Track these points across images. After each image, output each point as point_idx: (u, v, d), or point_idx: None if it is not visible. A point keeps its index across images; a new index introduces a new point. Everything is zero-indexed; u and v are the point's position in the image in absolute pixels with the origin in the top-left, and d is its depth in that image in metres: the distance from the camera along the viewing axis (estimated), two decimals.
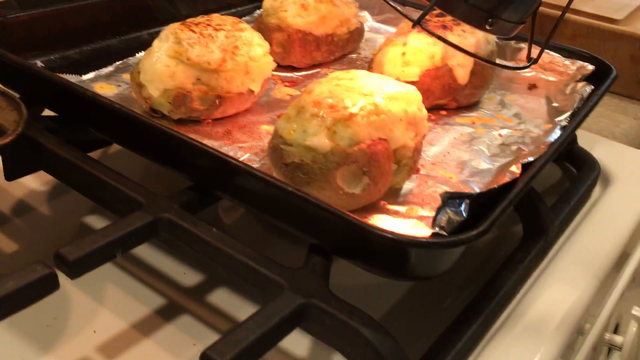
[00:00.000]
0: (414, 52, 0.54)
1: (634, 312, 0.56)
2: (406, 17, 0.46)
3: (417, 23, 0.42)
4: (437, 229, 0.35)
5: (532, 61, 0.49)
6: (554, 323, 0.43)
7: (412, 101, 0.44)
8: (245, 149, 0.47)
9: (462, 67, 0.55)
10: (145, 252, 0.48)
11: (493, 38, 0.59)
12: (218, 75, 0.49)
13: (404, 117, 0.42)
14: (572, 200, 0.55)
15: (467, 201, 0.36)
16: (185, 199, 0.41)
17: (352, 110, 0.40)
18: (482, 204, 0.38)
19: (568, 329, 0.43)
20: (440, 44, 0.53)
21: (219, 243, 0.37)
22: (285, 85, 0.58)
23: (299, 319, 0.34)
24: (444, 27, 0.55)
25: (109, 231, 0.37)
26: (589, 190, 0.58)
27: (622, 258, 0.54)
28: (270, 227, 0.52)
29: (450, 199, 0.36)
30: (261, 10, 0.64)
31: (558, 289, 0.46)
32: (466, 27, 0.56)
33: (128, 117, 0.43)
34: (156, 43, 0.49)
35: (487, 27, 0.42)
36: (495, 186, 0.38)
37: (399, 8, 0.46)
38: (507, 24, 0.43)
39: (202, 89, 0.48)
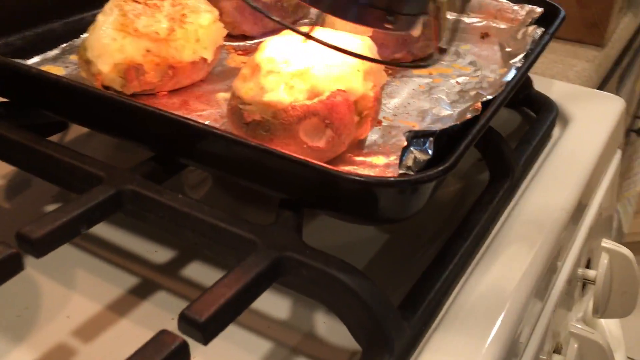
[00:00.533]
0: None
1: (603, 244, 0.57)
2: (296, 31, 0.42)
3: (308, 37, 0.40)
4: (404, 170, 0.35)
5: (440, 55, 0.43)
6: (527, 261, 0.43)
7: (368, 51, 0.44)
8: (204, 116, 0.46)
9: None
10: (114, 234, 0.47)
11: None
12: (168, 45, 0.47)
13: (361, 67, 0.42)
14: (534, 141, 0.55)
15: (432, 139, 0.36)
16: (148, 169, 0.40)
17: (308, 62, 0.40)
18: (445, 144, 0.38)
19: (540, 266, 0.44)
20: None
21: (186, 208, 0.37)
22: (239, 54, 0.57)
23: (276, 274, 0.34)
24: None
25: (71, 207, 0.36)
26: (549, 131, 0.59)
27: (587, 194, 0.55)
28: (239, 197, 0.51)
29: (415, 138, 0.36)
30: None
31: (528, 229, 0.47)
32: None
33: (81, 91, 0.42)
34: (100, 17, 0.47)
35: (387, 26, 0.38)
36: (458, 123, 0.38)
37: (286, 23, 0.43)
38: (408, 18, 0.38)
39: (154, 60, 0.47)
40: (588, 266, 0.58)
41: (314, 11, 0.68)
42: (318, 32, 0.44)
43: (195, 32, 0.49)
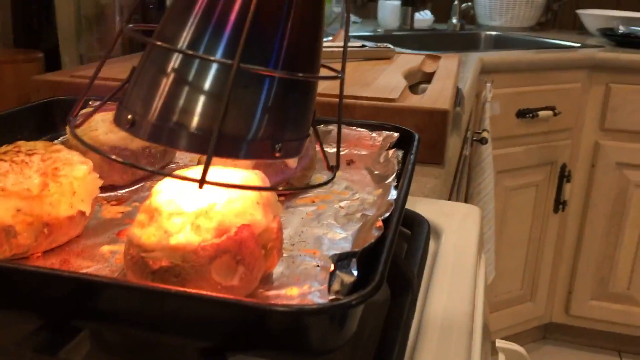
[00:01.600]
0: None
1: (498, 344, 0.59)
2: (188, 179, 0.37)
3: (203, 182, 0.35)
4: (333, 295, 0.34)
5: (335, 171, 0.43)
6: None
7: (261, 183, 0.43)
8: (94, 273, 0.42)
9: None
10: None
11: None
12: (42, 202, 0.43)
13: (260, 200, 0.42)
14: (418, 255, 0.57)
15: (354, 259, 0.36)
16: (38, 341, 0.35)
17: (210, 200, 0.38)
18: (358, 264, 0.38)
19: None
20: None
21: None
22: (113, 205, 0.54)
23: None
24: None
25: None
26: (427, 245, 0.62)
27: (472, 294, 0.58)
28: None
29: (339, 260, 0.35)
30: (65, 137, 0.59)
31: (440, 339, 0.47)
32: None
33: None
34: None
35: (277, 155, 0.38)
36: (373, 241, 0.39)
37: (178, 175, 0.37)
38: (293, 144, 0.39)
39: (26, 220, 0.43)
40: None
41: (179, 156, 0.67)
42: (196, 171, 0.43)
43: (70, 185, 0.45)
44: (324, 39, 0.43)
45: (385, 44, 1.27)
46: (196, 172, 0.43)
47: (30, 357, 0.33)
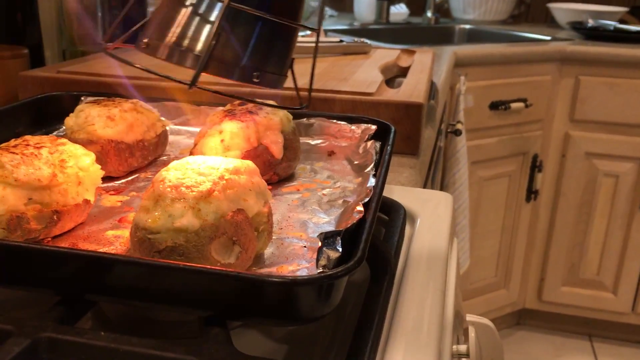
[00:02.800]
0: (231, 137, 0.58)
1: (468, 318, 0.64)
2: (179, 81, 0.49)
3: (192, 84, 0.47)
4: (321, 269, 0.39)
5: (304, 106, 0.57)
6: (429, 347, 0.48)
7: (253, 172, 0.48)
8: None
9: (275, 144, 0.61)
10: None
11: (291, 117, 0.66)
12: (51, 191, 0.47)
13: (252, 187, 0.46)
14: (395, 238, 0.62)
15: (339, 238, 0.40)
16: (57, 314, 0.39)
17: (210, 186, 0.43)
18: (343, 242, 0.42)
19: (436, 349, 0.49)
20: (253, 126, 0.59)
21: (113, 344, 0.36)
22: (111, 194, 0.58)
23: None
24: (250, 112, 0.61)
25: None
26: (403, 229, 0.67)
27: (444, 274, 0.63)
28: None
29: (325, 238, 0.40)
30: (61, 131, 0.63)
31: (414, 318, 0.52)
32: (269, 109, 0.62)
33: None
34: None
35: (255, 80, 0.49)
36: (354, 222, 0.43)
37: (170, 76, 0.50)
38: (272, 76, 0.51)
39: (37, 207, 0.47)
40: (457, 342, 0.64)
41: (169, 149, 0.71)
42: (204, 158, 0.48)
43: (76, 175, 0.49)
44: (302, 34, 0.52)
45: (362, 39, 1.31)
46: (197, 157, 0.47)
47: (52, 328, 0.37)
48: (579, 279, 2.13)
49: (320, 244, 0.40)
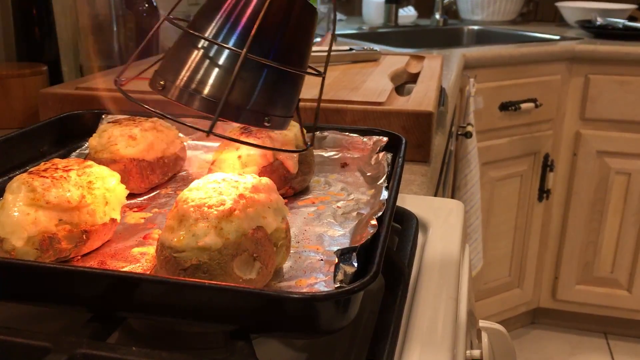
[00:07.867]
0: (248, 153, 0.61)
1: (481, 324, 0.66)
2: (197, 129, 0.53)
3: (210, 132, 0.50)
4: (338, 284, 0.41)
5: (309, 145, 0.61)
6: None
7: (271, 189, 0.50)
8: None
9: (290, 159, 0.63)
10: None
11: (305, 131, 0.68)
12: (80, 212, 0.50)
13: (271, 204, 0.48)
14: (408, 248, 0.64)
15: (355, 253, 0.43)
16: (90, 331, 0.42)
17: (231, 205, 0.45)
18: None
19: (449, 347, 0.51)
20: (268, 142, 0.61)
21: (145, 358, 0.38)
22: (135, 211, 0.61)
23: None
24: (248, 131, 0.63)
25: None
26: (416, 239, 0.69)
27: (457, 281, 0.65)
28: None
29: (342, 254, 0.42)
30: (84, 149, 0.66)
31: (429, 326, 0.54)
32: None
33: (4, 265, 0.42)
34: (8, 196, 0.49)
35: (267, 125, 0.52)
36: (369, 237, 0.45)
37: (187, 123, 0.53)
38: (279, 119, 0.53)
39: (67, 228, 0.49)
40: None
41: (187, 164, 0.74)
42: (223, 176, 0.50)
43: (103, 196, 0.52)
44: (314, 40, 0.56)
45: (371, 47, 1.33)
46: (217, 175, 0.50)
47: (87, 344, 0.39)
48: (593, 277, 2.13)
49: (337, 259, 0.42)
